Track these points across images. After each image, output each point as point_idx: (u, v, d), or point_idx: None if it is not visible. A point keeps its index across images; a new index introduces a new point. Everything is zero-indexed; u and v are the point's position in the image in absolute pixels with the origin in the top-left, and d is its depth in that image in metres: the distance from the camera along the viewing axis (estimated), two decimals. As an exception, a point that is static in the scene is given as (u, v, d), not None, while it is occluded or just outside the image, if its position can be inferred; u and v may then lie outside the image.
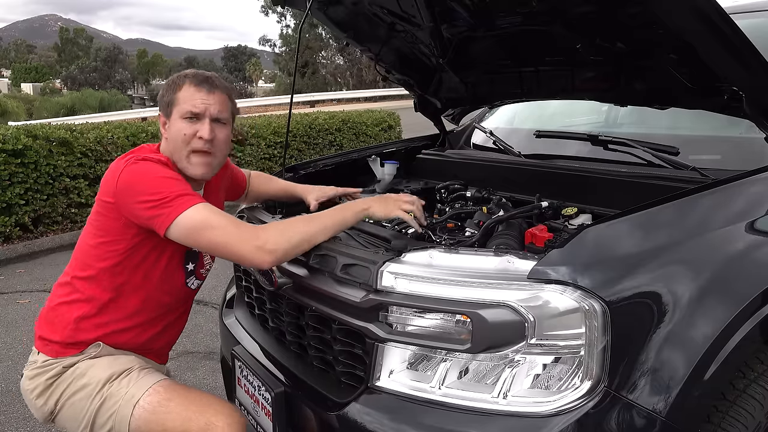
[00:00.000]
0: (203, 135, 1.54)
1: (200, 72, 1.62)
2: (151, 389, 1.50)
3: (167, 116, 1.58)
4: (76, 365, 1.54)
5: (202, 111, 1.54)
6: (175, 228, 1.41)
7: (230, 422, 1.46)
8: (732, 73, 1.44)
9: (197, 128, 1.54)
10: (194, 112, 1.54)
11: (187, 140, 1.54)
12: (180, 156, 1.56)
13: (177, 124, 1.55)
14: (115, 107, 30.83)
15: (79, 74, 63.08)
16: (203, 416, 1.45)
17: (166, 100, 1.58)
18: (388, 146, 2.54)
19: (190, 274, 1.67)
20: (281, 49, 43.74)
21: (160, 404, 1.48)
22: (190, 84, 1.56)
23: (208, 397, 1.55)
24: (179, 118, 1.55)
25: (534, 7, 1.60)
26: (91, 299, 1.54)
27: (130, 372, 1.54)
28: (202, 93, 1.55)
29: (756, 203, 1.34)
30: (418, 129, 3.12)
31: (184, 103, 1.54)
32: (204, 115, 1.55)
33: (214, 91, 1.56)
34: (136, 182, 1.45)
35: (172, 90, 1.57)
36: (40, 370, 1.55)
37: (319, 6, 2.09)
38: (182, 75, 1.60)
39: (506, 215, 1.60)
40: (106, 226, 1.52)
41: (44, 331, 1.58)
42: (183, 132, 1.54)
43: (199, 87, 1.55)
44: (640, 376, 1.11)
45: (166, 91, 1.59)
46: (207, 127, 1.54)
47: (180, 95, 1.55)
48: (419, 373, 1.24)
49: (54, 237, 5.51)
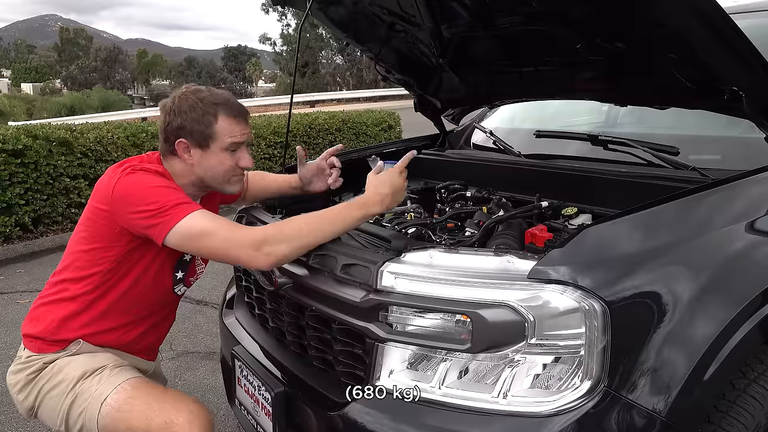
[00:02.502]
0: (247, 164, 1.61)
1: (231, 101, 1.59)
2: (119, 387, 1.51)
3: (202, 147, 1.56)
4: (55, 362, 1.56)
5: (243, 141, 1.59)
6: (173, 236, 1.42)
7: (191, 419, 1.45)
8: (732, 73, 1.44)
9: (238, 157, 1.59)
10: (237, 143, 1.57)
11: (231, 169, 1.59)
12: (217, 181, 1.60)
13: (218, 156, 1.57)
14: (115, 107, 30.82)
15: (79, 74, 63.08)
16: (164, 414, 1.46)
17: (200, 131, 1.54)
18: (388, 146, 2.54)
19: (179, 282, 1.69)
20: (282, 48, 43.75)
21: (125, 402, 1.49)
22: (227, 116, 1.55)
23: (174, 394, 1.56)
24: (221, 151, 1.56)
25: (534, 7, 1.59)
26: (78, 300, 1.56)
27: (102, 370, 1.55)
28: (242, 125, 1.59)
29: (756, 203, 1.34)
30: (418, 129, 3.12)
31: (227, 137, 1.56)
32: (243, 144, 1.59)
33: (247, 119, 1.61)
34: (132, 192, 1.46)
35: (207, 122, 1.54)
36: (22, 366, 1.58)
37: (319, 6, 2.09)
38: (211, 104, 1.55)
39: (506, 215, 1.60)
40: (99, 232, 1.53)
41: (29, 328, 1.61)
42: (227, 163, 1.58)
43: (238, 119, 1.58)
44: (640, 376, 1.11)
45: (196, 122, 1.53)
46: (248, 156, 1.61)
47: (219, 128, 1.55)
48: (419, 373, 1.24)
49: (54, 237, 5.50)
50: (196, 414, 1.48)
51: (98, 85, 49.79)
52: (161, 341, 1.82)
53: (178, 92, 1.59)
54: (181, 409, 1.47)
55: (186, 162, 1.58)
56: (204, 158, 1.57)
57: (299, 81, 38.09)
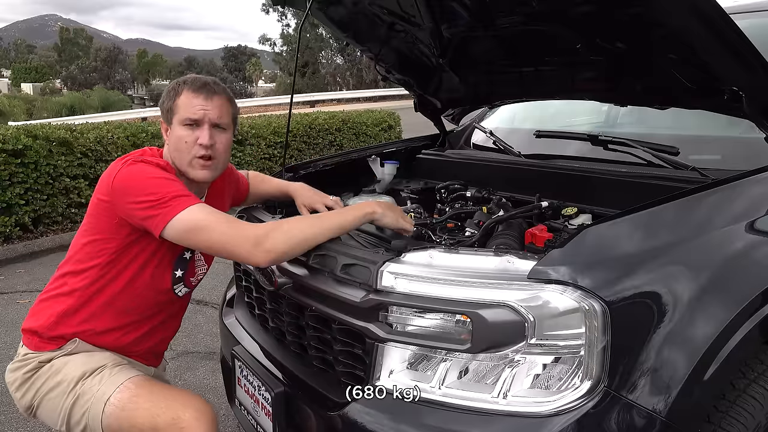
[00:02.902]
0: (203, 141, 1.54)
1: (199, 77, 1.61)
2: (122, 386, 1.51)
3: (168, 123, 1.59)
4: (52, 362, 1.56)
5: (201, 117, 1.55)
6: (171, 229, 1.42)
7: (197, 415, 1.46)
8: (732, 73, 1.44)
9: (197, 134, 1.55)
10: (193, 118, 1.55)
11: (188, 147, 1.55)
12: (182, 162, 1.57)
13: (177, 131, 1.56)
14: (115, 107, 30.82)
15: (79, 74, 63.07)
16: (170, 411, 1.46)
17: (166, 107, 1.58)
18: (388, 146, 2.54)
19: (179, 281, 1.67)
20: (282, 48, 43.76)
21: (130, 401, 1.49)
22: (188, 90, 1.56)
23: (178, 391, 1.56)
24: (179, 125, 1.56)
25: (534, 7, 1.59)
26: (76, 294, 1.56)
27: (102, 369, 1.55)
28: (200, 99, 1.55)
29: (756, 203, 1.34)
30: (418, 129, 3.12)
31: (183, 110, 1.55)
32: (203, 121, 1.55)
33: (213, 97, 1.56)
34: (131, 183, 1.46)
35: (172, 97, 1.57)
36: (20, 364, 1.59)
37: (319, 6, 2.09)
38: (181, 81, 1.60)
39: (506, 215, 1.60)
40: (99, 224, 1.53)
41: (28, 323, 1.61)
42: (184, 140, 1.55)
43: (197, 93, 1.55)
44: (640, 376, 1.11)
45: (165, 98, 1.59)
46: (206, 134, 1.55)
47: (179, 102, 1.56)
48: (419, 373, 1.24)
49: (54, 237, 5.50)
50: (203, 411, 1.48)
51: (99, 86, 49.78)
52: (164, 347, 1.80)
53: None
54: (188, 406, 1.47)
55: (166, 144, 1.60)
56: (170, 137, 1.58)
57: (299, 81, 38.10)
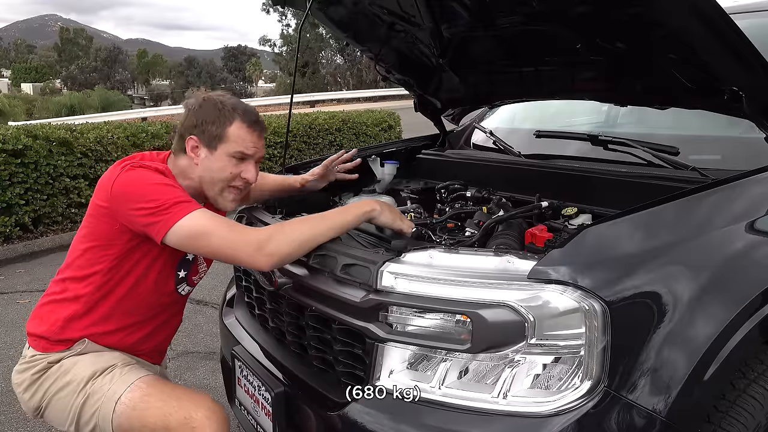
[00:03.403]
0: (250, 179, 1.56)
1: (250, 110, 1.58)
2: (133, 385, 1.51)
3: (210, 147, 1.55)
4: (61, 362, 1.55)
5: (253, 154, 1.55)
6: (173, 235, 1.41)
7: (209, 414, 1.46)
8: (732, 73, 1.44)
9: (243, 168, 1.56)
10: (246, 153, 1.54)
11: (230, 178, 1.55)
12: (214, 188, 1.57)
13: (222, 161, 1.54)
14: (115, 107, 30.83)
15: (79, 74, 63.07)
16: (182, 410, 1.46)
17: (212, 131, 1.54)
18: (388, 146, 2.53)
19: (181, 281, 1.68)
20: (282, 48, 43.75)
21: (141, 400, 1.49)
22: (242, 123, 1.54)
23: (189, 391, 1.56)
24: (226, 155, 1.54)
25: (534, 7, 1.60)
26: (81, 300, 1.55)
27: (113, 369, 1.55)
28: (255, 136, 1.55)
29: (756, 203, 1.34)
30: (418, 129, 3.12)
31: (236, 143, 1.53)
32: (253, 158, 1.56)
33: (262, 134, 1.58)
34: (131, 189, 1.45)
35: (222, 124, 1.53)
36: (27, 365, 1.58)
37: (319, 6, 2.09)
38: (230, 108, 1.54)
39: (506, 215, 1.60)
40: (99, 230, 1.52)
41: (33, 327, 1.60)
42: (229, 170, 1.55)
43: (252, 129, 1.55)
44: (640, 376, 1.11)
45: (212, 121, 1.54)
46: (253, 171, 1.57)
47: (230, 132, 1.53)
48: (419, 373, 1.24)
49: (54, 237, 5.51)
50: (215, 410, 1.49)
51: (99, 86, 49.79)
52: (167, 344, 1.81)
53: (205, 94, 1.60)
54: (200, 405, 1.48)
55: (192, 161, 1.56)
56: (208, 159, 1.55)
57: (299, 81, 38.11)
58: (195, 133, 1.55)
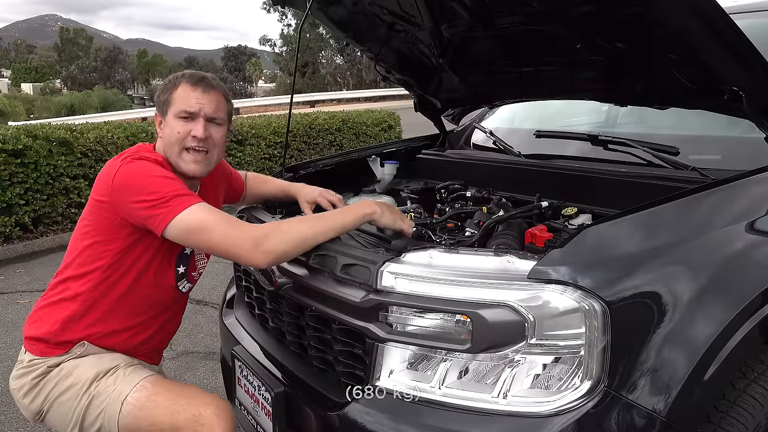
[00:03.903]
0: (197, 134, 1.56)
1: (196, 72, 1.64)
2: (139, 385, 1.51)
3: (163, 115, 1.60)
4: (61, 366, 1.54)
5: (197, 110, 1.56)
6: (172, 228, 1.42)
7: (218, 412, 1.46)
8: (732, 73, 1.44)
9: (191, 127, 1.56)
10: (189, 111, 1.56)
11: (180, 138, 1.56)
12: (173, 153, 1.57)
13: (172, 123, 1.56)
14: (115, 107, 30.82)
15: (79, 74, 63.09)
16: (191, 408, 1.46)
17: (162, 99, 1.60)
18: (388, 146, 2.54)
19: (181, 277, 1.67)
20: (282, 48, 43.75)
21: (149, 399, 1.49)
22: (185, 84, 1.57)
23: (196, 390, 1.56)
24: (174, 117, 1.56)
25: (534, 7, 1.60)
26: (79, 299, 1.55)
27: (116, 370, 1.55)
28: (197, 92, 1.57)
29: (756, 203, 1.34)
30: (418, 129, 3.12)
31: (179, 103, 1.56)
32: (198, 115, 1.56)
33: (210, 91, 1.58)
34: (132, 182, 1.45)
35: (169, 90, 1.59)
36: (25, 370, 1.57)
37: (319, 6, 2.09)
38: (179, 75, 1.61)
39: (506, 215, 1.60)
40: (99, 225, 1.52)
41: (31, 330, 1.59)
42: (177, 131, 1.56)
43: (194, 87, 1.57)
44: (640, 376, 1.11)
45: (162, 91, 1.61)
46: (201, 127, 1.56)
47: (175, 95, 1.57)
48: (419, 373, 1.24)
49: (54, 237, 5.50)
50: (223, 408, 1.49)
51: (98, 86, 49.81)
52: (165, 344, 1.81)
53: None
54: (208, 403, 1.48)
55: (159, 137, 1.61)
56: (164, 129, 1.59)
57: (299, 81, 38.11)
58: (156, 110, 1.62)
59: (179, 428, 1.45)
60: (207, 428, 1.44)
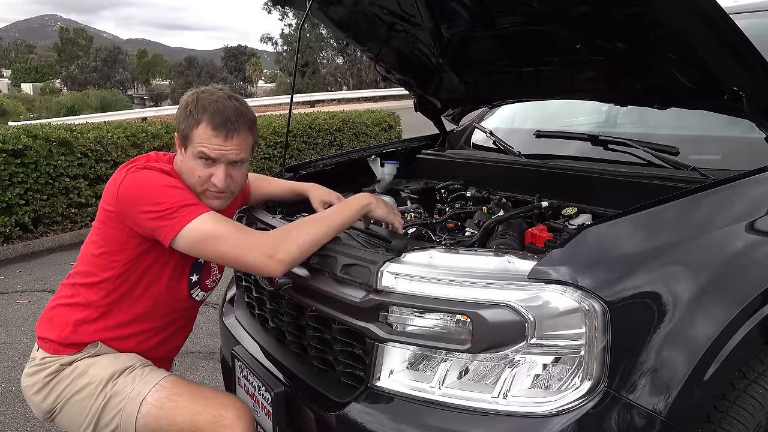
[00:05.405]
0: (217, 183, 1.48)
1: (220, 109, 1.46)
2: (158, 385, 1.50)
3: (183, 145, 1.51)
4: (75, 364, 1.53)
5: (218, 157, 1.47)
6: (181, 239, 1.39)
7: (239, 414, 1.46)
8: (732, 73, 1.44)
9: (212, 172, 1.48)
10: (209, 156, 1.47)
11: (201, 182, 1.49)
12: (194, 189, 1.50)
13: (192, 162, 1.48)
14: (114, 107, 30.83)
15: (79, 74, 63.11)
16: (212, 408, 1.46)
17: (181, 129, 1.49)
18: (388, 146, 2.54)
19: (195, 286, 1.65)
20: (282, 47, 43.76)
21: (168, 399, 1.48)
22: (206, 125, 1.45)
23: (216, 391, 1.56)
24: (193, 157, 1.48)
25: (534, 7, 1.60)
26: (92, 305, 1.53)
27: (133, 369, 1.53)
28: (219, 139, 1.45)
29: (756, 203, 1.34)
30: (418, 129, 3.12)
31: (199, 145, 1.46)
32: (220, 161, 1.48)
33: (232, 136, 1.46)
34: (138, 192, 1.42)
35: (189, 124, 1.47)
36: (38, 368, 1.55)
37: (319, 6, 2.09)
38: (201, 109, 1.46)
39: (506, 215, 1.60)
40: (108, 235, 1.50)
41: (43, 330, 1.57)
42: (198, 174, 1.48)
43: (216, 132, 1.45)
44: (640, 376, 1.11)
45: (183, 120, 1.49)
46: (222, 174, 1.48)
47: (196, 134, 1.46)
48: (419, 373, 1.24)
49: (54, 237, 5.51)
50: (243, 410, 1.49)
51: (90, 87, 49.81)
52: (177, 351, 1.79)
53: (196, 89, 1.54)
54: (228, 405, 1.48)
55: (180, 160, 1.54)
56: (184, 159, 1.51)
57: (299, 81, 38.12)
58: (177, 130, 1.52)
59: (200, 428, 1.44)
60: (228, 429, 1.43)
